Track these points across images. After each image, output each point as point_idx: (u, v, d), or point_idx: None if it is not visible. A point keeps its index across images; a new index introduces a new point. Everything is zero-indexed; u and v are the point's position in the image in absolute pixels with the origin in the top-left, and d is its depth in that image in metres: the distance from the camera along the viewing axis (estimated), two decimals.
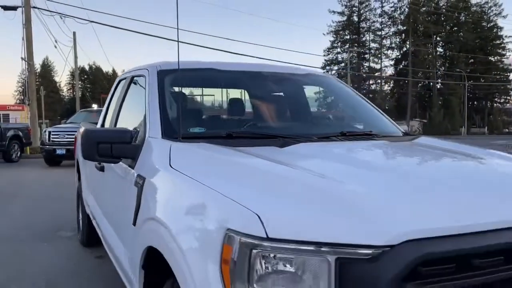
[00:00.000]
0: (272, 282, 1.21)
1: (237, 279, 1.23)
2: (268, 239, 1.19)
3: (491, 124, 64.28)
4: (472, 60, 67.32)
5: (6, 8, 16.99)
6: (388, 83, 71.83)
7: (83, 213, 4.35)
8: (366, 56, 71.00)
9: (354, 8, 69.06)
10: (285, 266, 1.20)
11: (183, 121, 2.27)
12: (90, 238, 4.27)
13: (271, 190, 1.44)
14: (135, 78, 3.00)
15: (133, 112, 2.77)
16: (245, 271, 1.21)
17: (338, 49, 71.37)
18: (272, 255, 1.20)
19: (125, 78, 3.34)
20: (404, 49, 66.63)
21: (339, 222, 1.23)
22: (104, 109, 3.88)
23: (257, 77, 2.93)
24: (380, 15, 67.49)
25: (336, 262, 1.16)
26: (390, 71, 71.57)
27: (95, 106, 26.70)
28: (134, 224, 2.04)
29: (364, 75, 68.52)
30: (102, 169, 2.96)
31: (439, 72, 68.17)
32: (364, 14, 68.97)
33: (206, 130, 2.37)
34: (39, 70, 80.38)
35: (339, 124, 2.85)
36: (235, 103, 2.91)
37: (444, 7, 66.10)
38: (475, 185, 1.61)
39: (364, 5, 68.02)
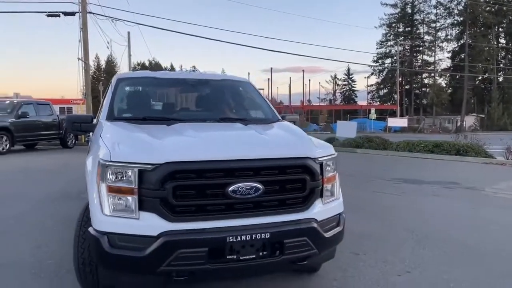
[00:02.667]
0: (114, 181, 2.62)
1: (101, 181, 2.67)
2: (111, 161, 2.63)
3: None
4: None
5: (66, 13, 19.52)
6: (444, 77, 69.50)
7: None
8: (420, 49, 69.21)
9: (407, 0, 67.51)
10: (118, 173, 2.63)
11: (122, 109, 3.78)
12: None
13: (122, 141, 2.86)
14: (112, 82, 4.52)
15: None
16: (104, 177, 2.65)
17: (391, 42, 70.17)
18: (114, 169, 2.63)
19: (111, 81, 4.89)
20: (461, 41, 64.20)
21: (141, 154, 2.62)
22: (102, 101, 5.48)
23: (181, 82, 4.38)
24: (435, 7, 65.42)
25: (137, 171, 2.58)
26: (445, 64, 69.29)
27: None
28: None
29: (417, 69, 66.89)
30: (88, 142, 4.55)
31: (501, 65, 64.99)
32: (418, 5, 67.25)
33: (132, 115, 3.82)
34: (104, 66, 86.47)
35: (224, 113, 4.05)
36: (159, 98, 4.36)
37: None
38: (224, 140, 3.02)
39: None
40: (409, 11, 67.85)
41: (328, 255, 3.24)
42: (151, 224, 2.57)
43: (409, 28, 68.67)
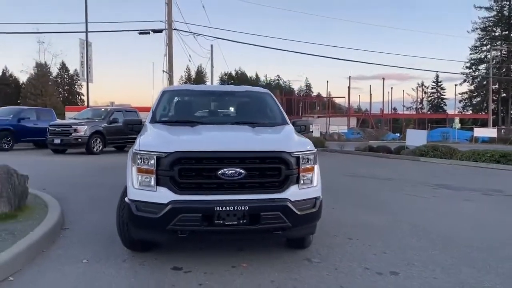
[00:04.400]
0: (141, 163, 3.73)
1: (132, 163, 3.81)
2: (140, 150, 3.75)
3: None
4: None
5: (154, 31, 22.04)
6: None
7: None
8: None
9: (504, 2, 62.96)
10: (144, 158, 3.73)
11: (162, 114, 4.95)
12: None
13: (151, 137, 3.99)
14: (159, 93, 5.72)
15: None
16: (135, 161, 3.78)
17: (486, 47, 65.70)
18: (141, 155, 3.74)
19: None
20: None
21: (159, 145, 3.71)
22: None
23: (211, 93, 5.47)
24: None
25: (156, 157, 3.66)
26: None
27: None
28: None
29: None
30: None
31: None
32: None
33: (168, 119, 4.95)
34: (194, 76, 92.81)
35: (239, 118, 4.97)
36: (191, 106, 5.46)
37: None
38: (222, 138, 4.02)
39: None
40: (506, 14, 63.23)
41: (307, 230, 4.04)
42: (163, 195, 3.61)
43: (506, 32, 63.98)
